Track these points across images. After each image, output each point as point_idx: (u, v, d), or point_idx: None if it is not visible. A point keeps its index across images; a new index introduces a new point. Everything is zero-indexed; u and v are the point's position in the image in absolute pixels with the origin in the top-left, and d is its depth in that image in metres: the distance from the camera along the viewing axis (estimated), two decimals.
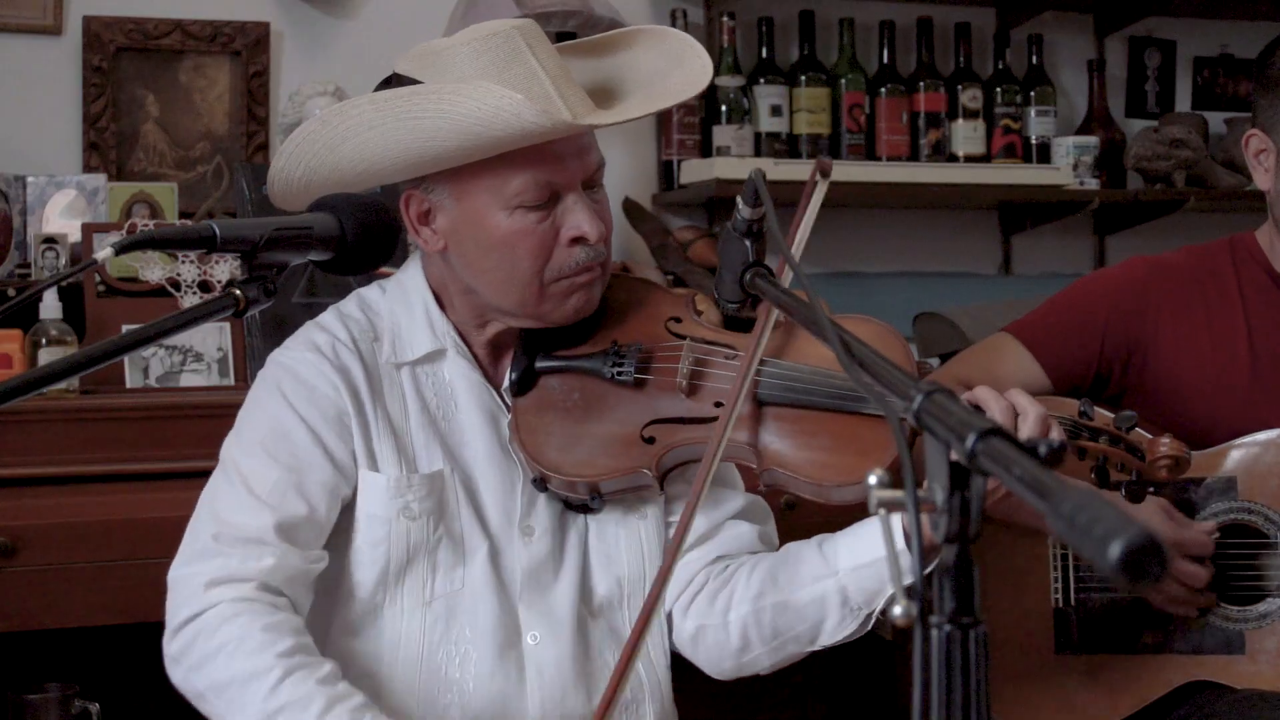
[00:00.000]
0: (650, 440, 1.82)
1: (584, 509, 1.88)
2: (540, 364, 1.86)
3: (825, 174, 1.67)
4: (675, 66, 1.88)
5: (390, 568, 1.80)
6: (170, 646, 1.74)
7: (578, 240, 1.79)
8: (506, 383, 1.87)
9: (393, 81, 1.81)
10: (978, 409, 1.69)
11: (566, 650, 1.83)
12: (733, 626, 1.87)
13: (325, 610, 1.83)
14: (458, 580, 1.81)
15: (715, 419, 1.79)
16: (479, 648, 1.80)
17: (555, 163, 1.77)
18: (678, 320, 1.90)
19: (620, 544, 1.89)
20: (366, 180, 1.80)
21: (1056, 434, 1.72)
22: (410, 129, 1.73)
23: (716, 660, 1.91)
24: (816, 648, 1.86)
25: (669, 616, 1.93)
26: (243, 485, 1.77)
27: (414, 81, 1.79)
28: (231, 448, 1.82)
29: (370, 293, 1.92)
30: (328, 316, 1.89)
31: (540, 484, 1.84)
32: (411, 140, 1.73)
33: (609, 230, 1.84)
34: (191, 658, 1.71)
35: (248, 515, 1.75)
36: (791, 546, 1.89)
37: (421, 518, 1.80)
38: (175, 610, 1.75)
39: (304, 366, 1.82)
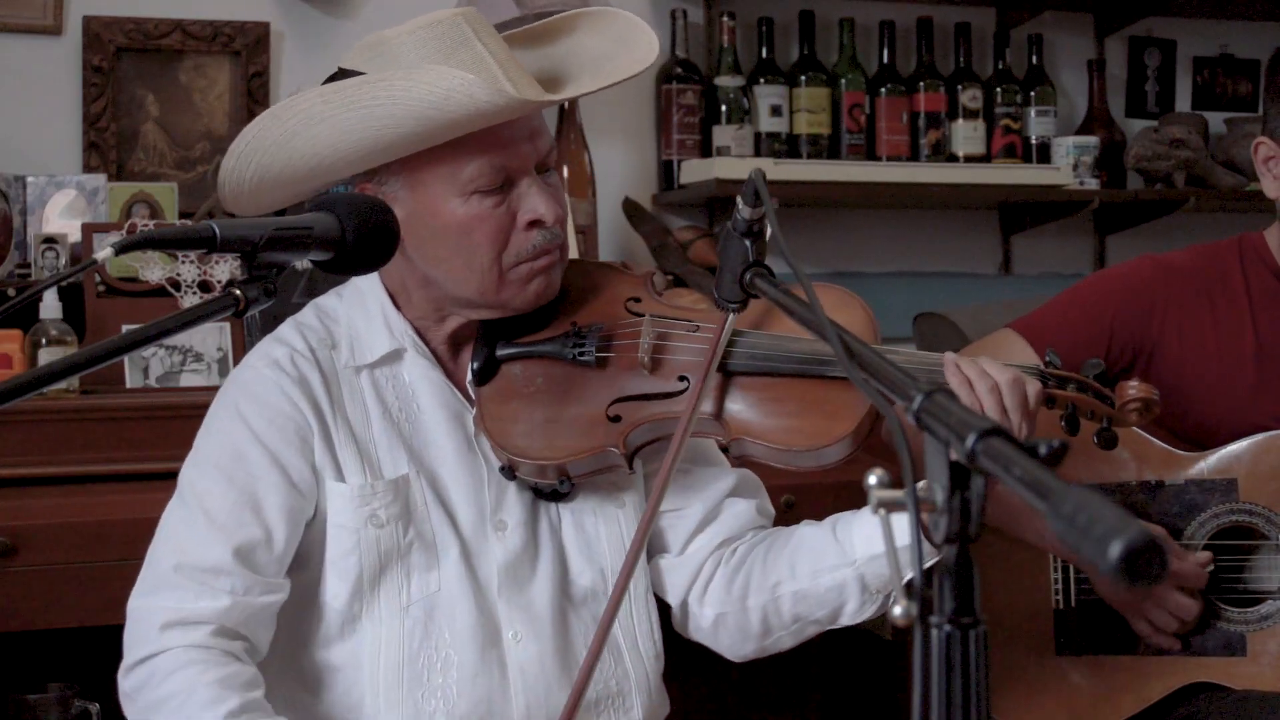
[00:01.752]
0: (616, 419, 1.81)
1: (555, 496, 1.87)
2: (501, 352, 1.86)
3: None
4: (621, 48, 1.87)
5: (364, 577, 1.78)
6: (123, 683, 1.74)
7: (534, 224, 1.79)
8: (469, 376, 1.86)
9: (339, 76, 1.80)
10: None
11: (548, 645, 1.82)
12: (753, 613, 1.88)
13: (304, 626, 1.81)
14: (433, 583, 1.80)
15: (680, 393, 1.79)
16: (459, 650, 1.79)
17: (508, 147, 1.76)
18: (637, 300, 1.90)
19: (600, 533, 1.88)
20: (319, 176, 1.79)
21: (1034, 392, 1.73)
22: (362, 117, 1.71)
23: (739, 645, 1.93)
24: (838, 626, 1.89)
25: (684, 607, 1.93)
26: (199, 510, 1.76)
27: (358, 74, 1.78)
28: (189, 470, 1.81)
29: (327, 300, 1.91)
30: (285, 329, 1.87)
31: (509, 472, 1.83)
32: (364, 129, 1.72)
33: (564, 213, 1.84)
34: (141, 701, 1.71)
35: (205, 543, 1.74)
36: (804, 531, 1.89)
37: (389, 524, 1.79)
38: (130, 647, 1.74)
39: (261, 384, 1.80)
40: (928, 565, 1.05)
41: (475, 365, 1.85)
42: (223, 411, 1.83)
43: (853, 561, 1.81)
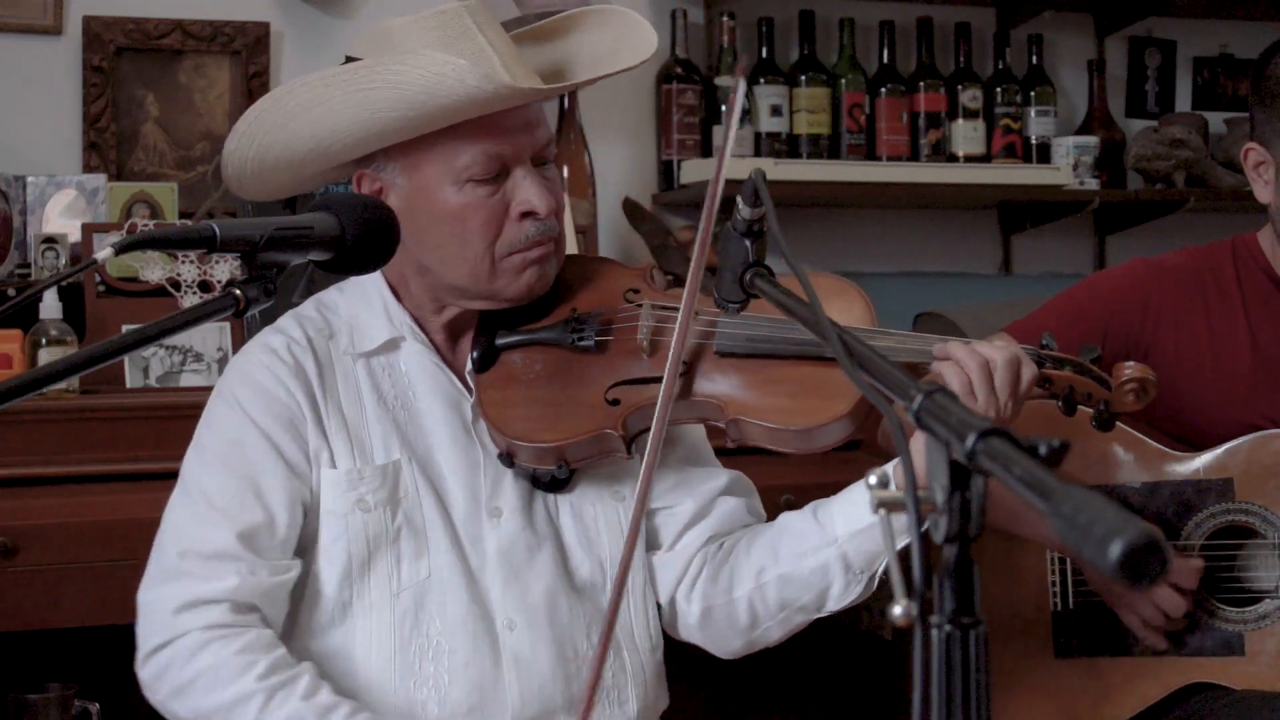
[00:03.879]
0: (615, 402, 1.82)
1: (553, 484, 1.87)
2: (500, 340, 1.87)
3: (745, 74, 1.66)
4: (622, 44, 1.90)
5: (353, 563, 1.79)
6: (143, 672, 1.75)
7: (528, 214, 1.80)
8: (469, 365, 1.87)
9: (347, 64, 1.84)
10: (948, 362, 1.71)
11: (544, 634, 1.82)
12: (739, 603, 1.88)
13: (299, 614, 1.82)
14: (423, 570, 1.81)
15: (679, 376, 1.79)
16: (451, 638, 1.79)
17: (503, 135, 1.78)
18: (635, 291, 1.91)
19: (599, 524, 1.88)
20: (318, 159, 1.81)
21: (1028, 374, 1.74)
22: (358, 101, 1.74)
23: (726, 639, 1.92)
24: (825, 614, 1.87)
25: (672, 604, 1.93)
26: (201, 498, 1.78)
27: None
28: (190, 461, 1.83)
29: (328, 294, 1.93)
30: (284, 319, 1.90)
31: (507, 459, 1.84)
32: (359, 112, 1.75)
33: (560, 206, 1.85)
34: (166, 685, 1.73)
35: (209, 529, 1.76)
36: (786, 517, 1.90)
37: (377, 509, 1.80)
38: (146, 636, 1.76)
39: (257, 370, 1.82)
40: (901, 546, 1.05)
41: (475, 354, 1.87)
42: (220, 401, 1.84)
43: (834, 540, 1.81)
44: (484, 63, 1.76)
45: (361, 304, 1.89)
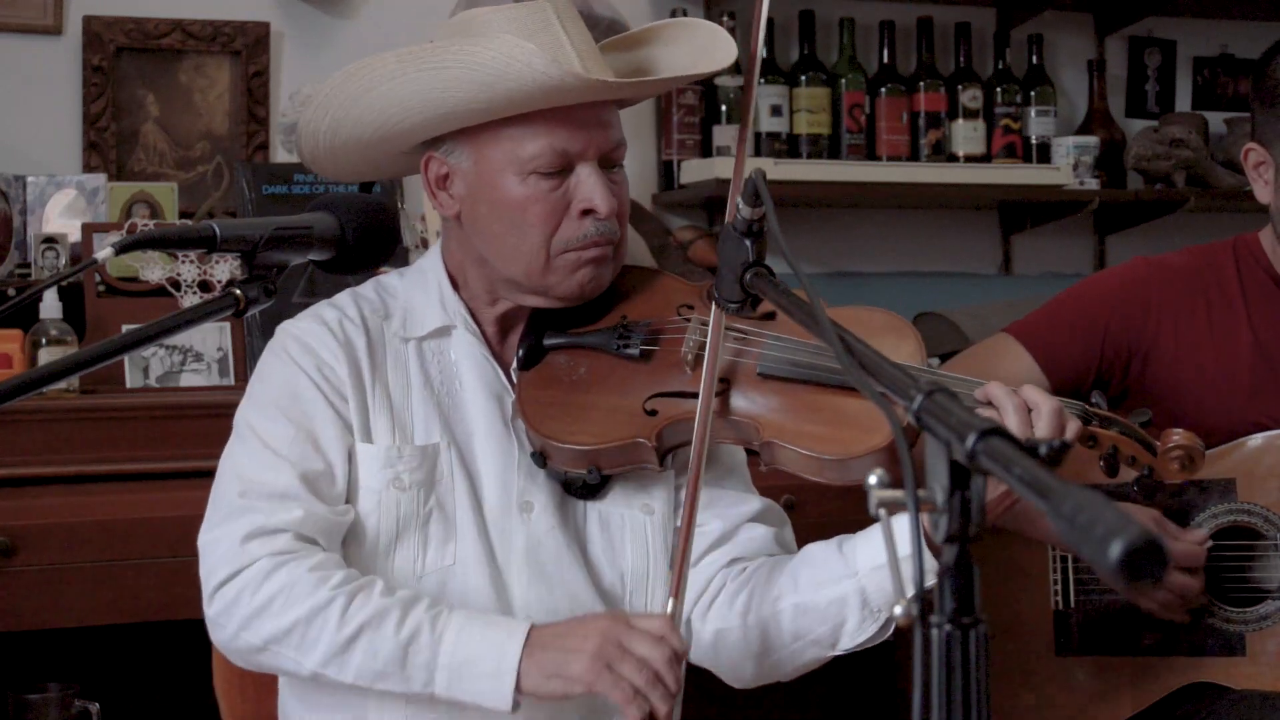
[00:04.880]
0: (652, 413, 1.81)
1: (584, 490, 1.87)
2: (548, 341, 1.87)
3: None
4: (702, 58, 1.89)
5: (380, 540, 1.79)
6: (210, 609, 1.73)
7: (588, 212, 1.79)
8: (515, 360, 1.87)
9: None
10: (990, 407, 1.70)
11: None
12: (752, 629, 1.84)
13: None
14: (449, 555, 1.80)
15: (719, 394, 1.78)
16: None
17: (572, 130, 1.77)
18: (690, 307, 1.89)
19: (625, 537, 1.87)
20: (385, 140, 1.82)
21: (1073, 429, 1.71)
22: (429, 79, 1.74)
23: (738, 665, 1.88)
24: (838, 652, 1.83)
25: (687, 624, 1.90)
26: (261, 444, 1.78)
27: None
28: (246, 411, 1.83)
29: (389, 277, 1.94)
30: (342, 296, 1.90)
31: (540, 459, 1.83)
32: (430, 90, 1.75)
33: (624, 210, 1.84)
34: (238, 615, 1.71)
35: (271, 471, 1.75)
36: (811, 547, 1.86)
37: (411, 489, 1.80)
38: (212, 571, 1.73)
39: (309, 335, 1.83)
40: (930, 582, 1.04)
41: (521, 351, 1.87)
42: (273, 357, 1.84)
43: (855, 573, 1.78)
44: (560, 56, 1.76)
45: (419, 290, 1.90)
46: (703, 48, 1.90)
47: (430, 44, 1.79)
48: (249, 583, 1.70)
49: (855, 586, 1.77)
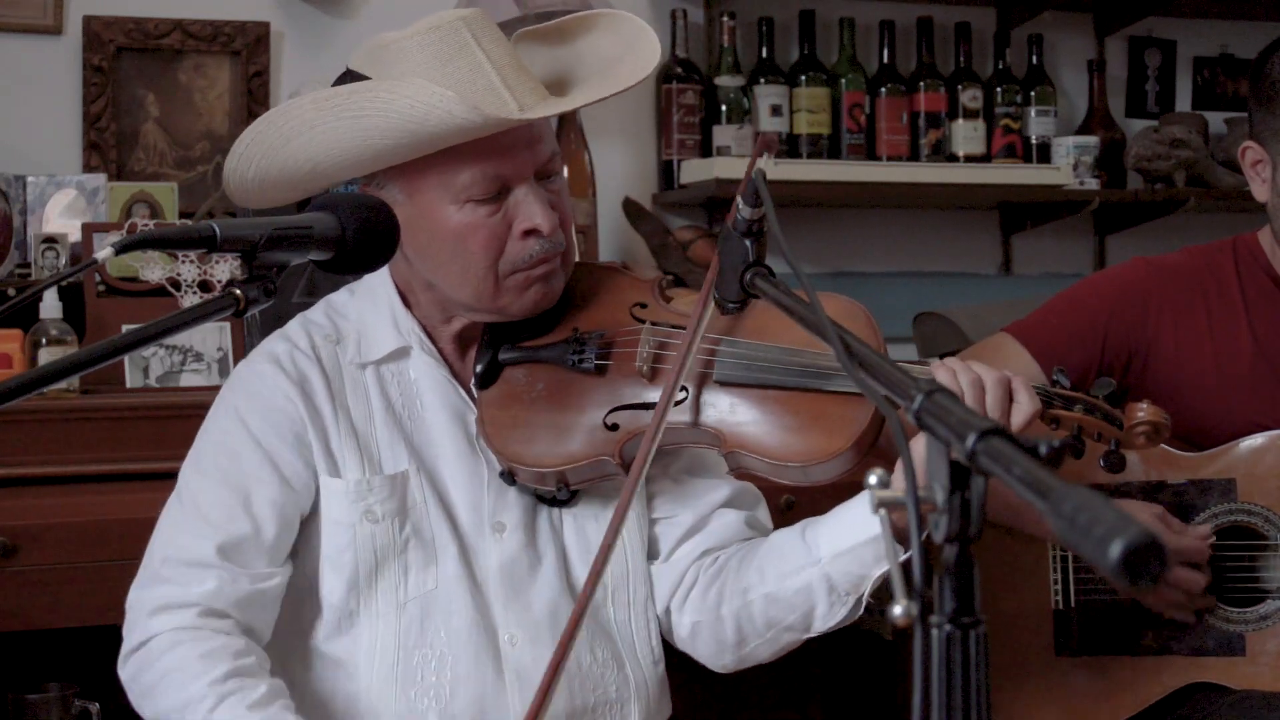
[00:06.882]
0: (613, 427, 1.80)
1: (555, 502, 1.86)
2: (504, 356, 1.85)
3: (770, 150, 1.64)
4: (628, 51, 1.86)
5: (360, 572, 1.79)
6: (122, 672, 1.77)
7: (530, 233, 1.77)
8: (473, 378, 1.86)
9: (346, 78, 1.81)
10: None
11: (546, 651, 1.79)
12: (726, 621, 1.86)
13: (304, 620, 1.82)
14: (430, 580, 1.80)
15: (680, 402, 1.77)
16: (454, 649, 1.79)
17: (503, 155, 1.75)
18: (643, 305, 1.88)
19: (600, 541, 1.88)
20: (316, 179, 1.80)
21: (1026, 402, 1.70)
22: (349, 128, 1.72)
23: (716, 654, 1.91)
24: (814, 634, 1.85)
25: (667, 614, 1.92)
26: (191, 505, 1.79)
27: (364, 77, 1.78)
28: (186, 469, 1.84)
29: (338, 296, 1.92)
30: (292, 325, 1.88)
31: (509, 477, 1.83)
32: (351, 139, 1.72)
33: (566, 220, 1.83)
34: (139, 686, 1.74)
35: (191, 537, 1.77)
36: (776, 536, 1.88)
37: (385, 520, 1.79)
38: (127, 634, 1.77)
39: (259, 381, 1.82)
40: (904, 558, 1.05)
41: (479, 369, 1.85)
42: (221, 411, 1.84)
43: (818, 560, 1.79)
44: (482, 84, 1.73)
45: (370, 310, 1.88)
46: (627, 44, 1.87)
47: (347, 86, 1.75)
48: (149, 655, 1.73)
49: (820, 574, 1.79)
